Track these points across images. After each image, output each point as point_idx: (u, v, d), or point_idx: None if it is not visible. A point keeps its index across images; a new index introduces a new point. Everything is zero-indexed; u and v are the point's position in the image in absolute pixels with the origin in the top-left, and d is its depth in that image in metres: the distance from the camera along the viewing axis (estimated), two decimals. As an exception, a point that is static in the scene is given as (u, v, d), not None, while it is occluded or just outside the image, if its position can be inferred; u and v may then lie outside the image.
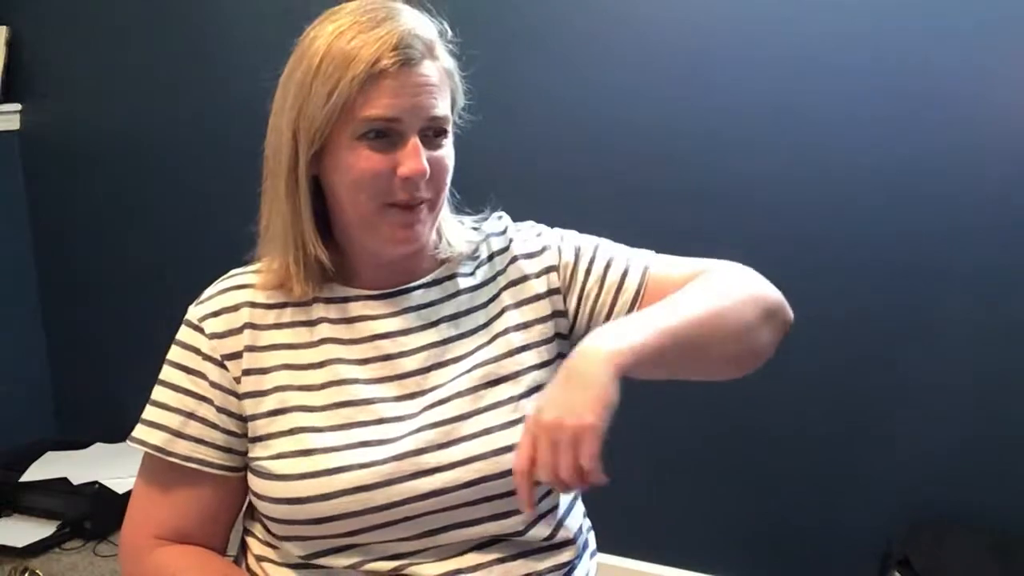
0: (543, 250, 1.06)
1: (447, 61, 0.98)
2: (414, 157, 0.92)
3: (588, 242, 1.07)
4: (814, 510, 2.09)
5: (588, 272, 1.04)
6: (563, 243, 1.07)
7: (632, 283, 1.02)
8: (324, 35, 0.93)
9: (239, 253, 1.08)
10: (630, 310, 1.01)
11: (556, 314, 1.04)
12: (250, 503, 1.03)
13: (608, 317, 1.02)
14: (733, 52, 2.03)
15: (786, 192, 2.03)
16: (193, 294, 1.04)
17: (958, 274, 1.92)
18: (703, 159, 2.09)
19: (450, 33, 0.99)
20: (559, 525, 1.02)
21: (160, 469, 1.00)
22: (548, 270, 1.05)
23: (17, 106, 2.86)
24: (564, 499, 1.04)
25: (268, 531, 1.00)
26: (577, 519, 1.07)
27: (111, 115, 2.79)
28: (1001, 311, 1.90)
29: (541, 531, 1.00)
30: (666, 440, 2.21)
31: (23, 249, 2.95)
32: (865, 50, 1.93)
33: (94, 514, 2.50)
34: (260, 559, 1.02)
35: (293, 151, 0.95)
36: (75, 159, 2.85)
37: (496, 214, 1.12)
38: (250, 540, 1.04)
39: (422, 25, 0.95)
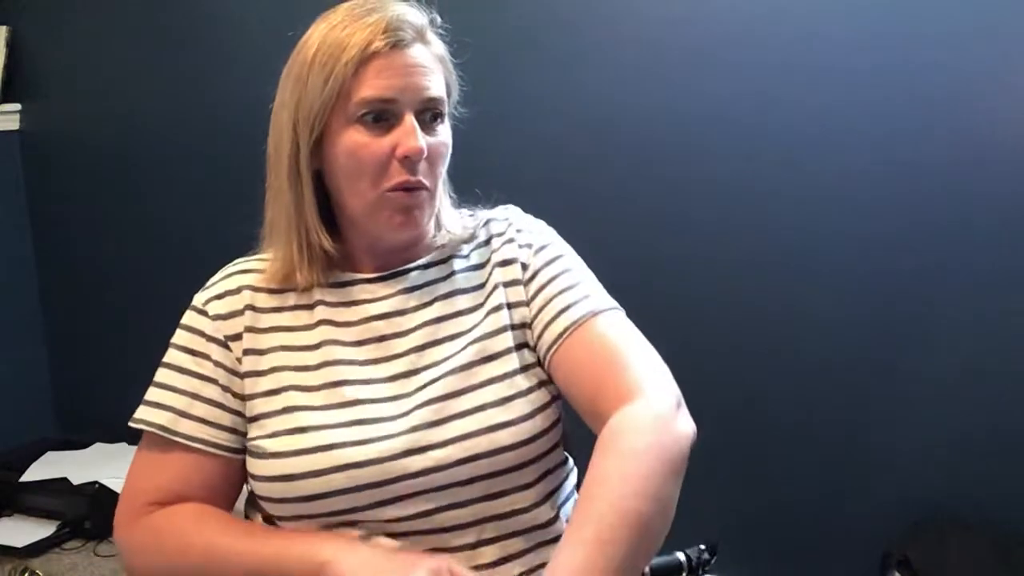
0: (527, 245, 1.06)
1: (438, 47, 1.02)
2: (411, 135, 0.96)
3: (564, 261, 1.06)
4: (814, 510, 2.09)
5: (544, 286, 1.03)
6: (544, 250, 1.06)
7: (559, 327, 0.99)
8: (319, 31, 0.99)
9: (239, 252, 1.08)
10: (550, 348, 0.99)
11: (526, 303, 1.04)
12: (251, 491, 1.03)
13: (537, 339, 1.01)
14: (733, 53, 2.04)
15: (788, 193, 2.03)
16: (193, 294, 1.05)
17: (958, 274, 1.92)
18: (699, 160, 2.09)
19: (440, 20, 1.03)
20: (558, 513, 1.02)
21: (161, 446, 1.00)
22: (522, 265, 1.05)
23: (17, 106, 2.87)
24: (567, 487, 1.05)
25: (268, 518, 1.00)
26: None
27: (111, 115, 2.79)
28: (1001, 312, 1.90)
29: (544, 513, 1.00)
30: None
31: (23, 249, 2.95)
32: (867, 52, 1.93)
33: (94, 514, 2.50)
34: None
35: (294, 143, 0.98)
36: (75, 159, 2.85)
37: (507, 206, 1.14)
38: None
39: (411, 12, 1.00)
